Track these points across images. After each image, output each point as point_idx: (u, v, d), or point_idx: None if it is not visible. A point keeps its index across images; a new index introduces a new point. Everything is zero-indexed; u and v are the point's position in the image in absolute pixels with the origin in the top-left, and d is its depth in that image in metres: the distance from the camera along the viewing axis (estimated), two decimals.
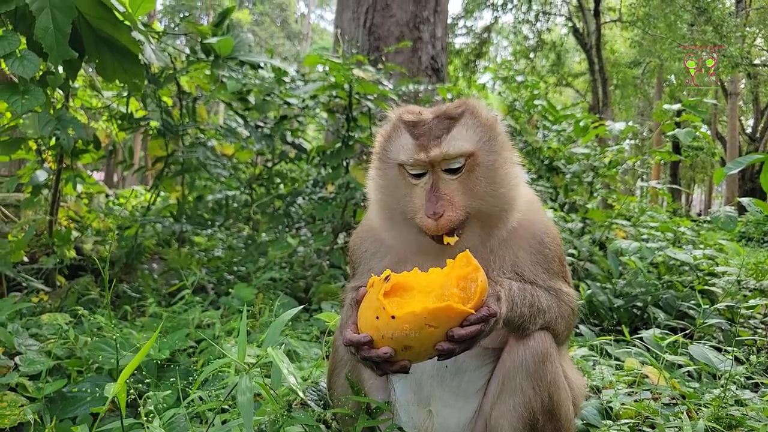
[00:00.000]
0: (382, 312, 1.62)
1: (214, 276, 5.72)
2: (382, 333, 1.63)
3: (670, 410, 2.77)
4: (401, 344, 1.63)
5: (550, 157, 7.76)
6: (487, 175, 1.96)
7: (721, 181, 29.03)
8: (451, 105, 2.06)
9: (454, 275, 1.69)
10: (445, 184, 1.93)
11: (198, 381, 1.75)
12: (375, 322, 1.64)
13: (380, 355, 1.64)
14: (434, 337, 1.62)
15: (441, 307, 1.59)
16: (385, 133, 2.12)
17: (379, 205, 2.12)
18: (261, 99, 6.04)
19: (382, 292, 1.66)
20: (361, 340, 1.67)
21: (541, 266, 2.04)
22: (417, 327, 1.59)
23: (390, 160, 2.05)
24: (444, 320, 1.61)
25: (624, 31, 31.52)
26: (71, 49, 3.52)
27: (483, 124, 2.01)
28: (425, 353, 1.67)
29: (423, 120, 2.01)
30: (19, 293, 4.93)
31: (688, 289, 4.91)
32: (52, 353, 3.26)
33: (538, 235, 2.08)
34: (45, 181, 5.47)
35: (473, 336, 1.63)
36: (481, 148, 1.97)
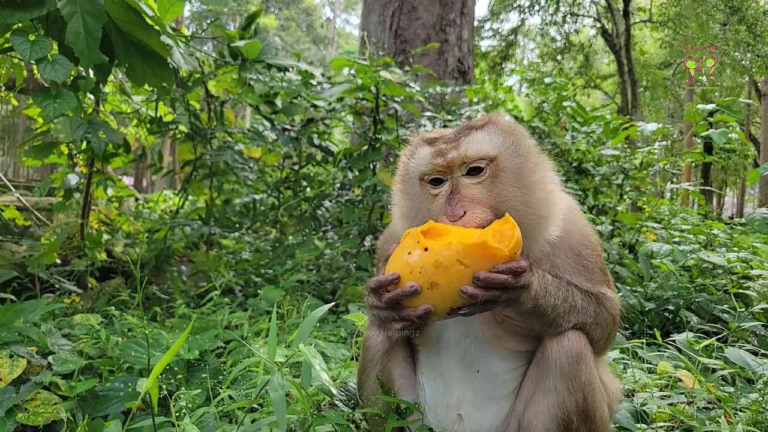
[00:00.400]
0: (415, 246, 1.63)
1: (242, 278, 5.77)
2: (411, 267, 1.63)
3: (706, 414, 2.70)
4: (429, 280, 1.61)
5: (578, 159, 7.66)
6: (515, 179, 1.91)
7: (755, 184, 28.43)
8: (475, 119, 2.08)
9: (490, 229, 1.70)
10: (466, 188, 1.89)
11: (228, 380, 1.75)
12: (405, 258, 1.65)
13: (405, 291, 1.63)
14: (463, 277, 1.61)
15: (477, 243, 1.60)
16: (408, 152, 2.13)
17: (402, 223, 2.11)
18: (288, 102, 6.08)
19: (419, 231, 1.68)
20: (388, 278, 1.67)
21: (582, 275, 2.00)
22: (449, 261, 1.59)
23: (411, 175, 2.05)
24: (476, 259, 1.60)
25: (654, 31, 31.04)
26: (102, 53, 3.58)
27: (505, 130, 1.98)
28: (450, 296, 1.63)
29: (444, 136, 2.02)
30: (52, 295, 5.02)
31: (722, 293, 4.80)
32: (84, 353, 3.31)
33: (575, 247, 2.02)
34: (76, 185, 5.57)
35: (499, 285, 1.62)
36: (504, 152, 1.93)
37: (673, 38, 27.01)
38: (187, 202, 7.70)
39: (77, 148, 5.58)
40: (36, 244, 5.25)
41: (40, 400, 2.82)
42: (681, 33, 25.98)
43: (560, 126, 8.39)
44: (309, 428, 1.90)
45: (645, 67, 31.93)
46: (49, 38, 3.59)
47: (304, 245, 5.96)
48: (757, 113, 30.06)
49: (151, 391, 1.41)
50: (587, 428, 1.84)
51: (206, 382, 2.91)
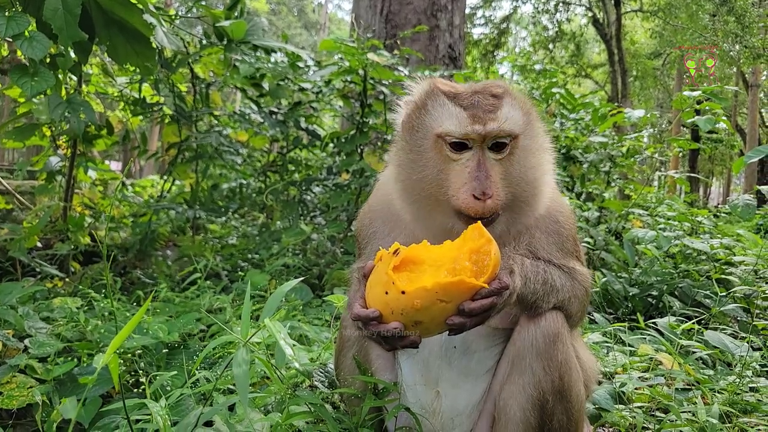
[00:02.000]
0: (391, 287, 1.56)
1: (228, 263, 5.73)
2: (392, 308, 1.58)
3: (684, 395, 2.71)
4: (411, 320, 1.58)
5: (567, 146, 7.66)
6: (524, 159, 1.89)
7: (740, 173, 28.53)
8: (488, 83, 1.97)
9: (466, 249, 1.63)
10: (491, 165, 1.83)
11: (200, 359, 1.72)
12: (384, 297, 1.59)
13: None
14: (445, 312, 1.57)
15: (453, 282, 1.54)
16: (419, 101, 1.97)
17: (401, 182, 1.97)
18: (275, 84, 6.01)
19: (391, 266, 1.59)
20: (369, 315, 1.61)
21: (556, 246, 1.98)
22: (428, 302, 1.54)
23: (425, 129, 1.91)
24: (456, 295, 1.56)
25: (645, 21, 31.07)
26: (81, 30, 3.51)
27: (523, 107, 1.94)
28: (436, 328, 1.62)
29: (463, 92, 1.91)
30: (33, 279, 4.96)
31: (705, 279, 4.82)
32: (62, 336, 3.26)
33: (554, 215, 2.02)
34: (59, 167, 5.49)
35: (485, 309, 1.58)
36: (524, 131, 1.90)
37: (663, 28, 27.07)
38: (174, 187, 7.63)
39: (59, 130, 5.50)
40: (17, 228, 5.18)
41: (15, 384, 2.78)
42: (671, 23, 26.03)
43: (549, 113, 8.38)
44: (284, 409, 1.88)
45: (635, 56, 31.99)
46: (26, 14, 3.51)
47: (291, 230, 5.93)
48: (744, 104, 30.19)
49: (112, 369, 1.38)
50: (563, 407, 1.83)
51: (190, 365, 2.88)
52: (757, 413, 2.49)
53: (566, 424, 1.85)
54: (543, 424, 1.83)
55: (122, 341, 1.32)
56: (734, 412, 2.42)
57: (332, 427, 1.81)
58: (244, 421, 1.93)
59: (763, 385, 2.82)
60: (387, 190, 2.10)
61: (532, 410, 1.82)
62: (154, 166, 13.67)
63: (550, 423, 1.83)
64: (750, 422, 2.39)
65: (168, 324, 3.35)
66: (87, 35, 3.65)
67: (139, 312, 1.34)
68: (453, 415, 2.00)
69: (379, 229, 2.16)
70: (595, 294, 4.78)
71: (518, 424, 1.84)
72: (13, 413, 2.72)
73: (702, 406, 2.25)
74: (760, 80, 28.19)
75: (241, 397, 1.36)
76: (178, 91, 6.01)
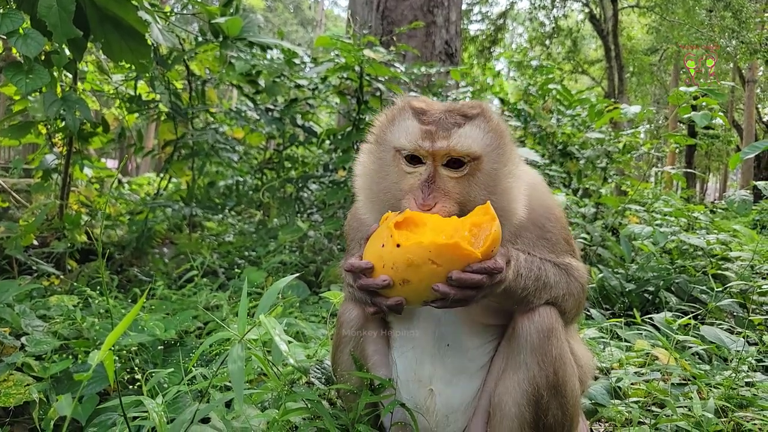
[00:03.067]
0: (388, 240, 1.59)
1: (225, 260, 5.72)
2: (384, 261, 1.61)
3: (680, 390, 2.72)
4: (401, 276, 1.59)
5: (563, 142, 7.67)
6: (487, 183, 1.87)
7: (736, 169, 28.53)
8: (467, 103, 1.98)
9: (468, 221, 1.66)
10: (442, 180, 1.84)
11: (196, 355, 1.72)
12: (379, 250, 1.62)
13: (378, 284, 1.61)
14: (435, 276, 1.58)
15: (449, 244, 1.56)
16: (390, 116, 2.02)
17: (365, 192, 2.03)
18: (271, 81, 6.00)
19: (393, 221, 1.63)
20: (361, 265, 1.65)
21: (547, 249, 1.98)
22: (420, 260, 1.56)
23: (387, 143, 1.96)
24: (449, 259, 1.57)
25: (641, 17, 31.04)
26: (76, 27, 3.50)
27: (495, 130, 1.92)
28: (422, 292, 1.62)
29: (433, 110, 1.93)
30: (30, 277, 4.95)
31: (701, 274, 4.83)
32: (59, 334, 3.26)
33: (539, 221, 2.01)
34: (55, 165, 5.48)
35: (473, 285, 1.59)
36: (488, 154, 1.88)
37: (660, 24, 27.07)
38: (170, 185, 7.62)
39: (55, 128, 5.48)
40: (13, 226, 5.16)
41: (12, 381, 2.77)
42: (668, 19, 26.03)
43: (546, 109, 8.38)
44: (281, 405, 1.88)
45: (632, 52, 31.99)
46: (21, 11, 3.50)
47: (287, 227, 5.92)
48: (741, 100, 30.24)
49: (107, 366, 1.37)
50: (558, 403, 1.83)
51: (187, 362, 2.88)
52: (753, 408, 2.49)
53: (561, 419, 1.85)
54: (538, 419, 1.83)
55: (117, 338, 1.31)
56: (730, 407, 2.43)
57: (329, 424, 1.82)
58: (241, 418, 1.94)
59: (759, 380, 2.83)
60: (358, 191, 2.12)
61: (527, 406, 1.82)
62: (151, 164, 13.62)
63: (545, 418, 1.83)
64: (746, 416, 2.40)
65: (165, 321, 3.36)
66: (81, 32, 3.65)
67: (134, 309, 1.34)
68: (448, 412, 2.00)
69: (365, 234, 2.17)
70: (592, 290, 4.79)
71: (513, 419, 1.84)
72: (11, 411, 2.72)
73: (698, 401, 2.25)
74: (756, 76, 28.22)
75: (236, 393, 1.36)
76: (173, 88, 5.99)
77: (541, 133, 7.75)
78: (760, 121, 30.63)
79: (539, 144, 7.84)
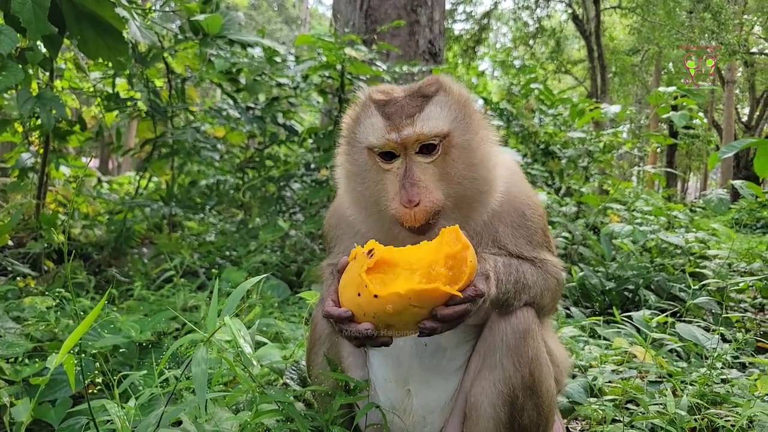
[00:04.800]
0: (364, 289, 1.53)
1: (205, 261, 5.67)
2: (364, 310, 1.56)
3: (656, 388, 2.73)
4: (383, 322, 1.56)
5: (546, 142, 7.70)
6: (463, 156, 1.85)
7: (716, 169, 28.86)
8: (424, 82, 1.95)
9: (442, 254, 1.59)
10: (419, 168, 1.81)
11: (165, 357, 1.69)
12: (356, 299, 1.56)
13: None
14: (418, 316, 1.55)
15: (427, 289, 1.51)
16: (354, 114, 1.99)
17: (350, 194, 2.00)
18: (252, 79, 5.95)
19: (364, 268, 1.56)
20: (341, 314, 1.60)
21: (524, 239, 1.97)
22: (401, 308, 1.52)
23: (358, 143, 1.92)
24: (429, 301, 1.53)
25: (623, 17, 31.31)
26: (51, 24, 3.44)
27: (457, 101, 1.90)
28: (408, 330, 1.60)
29: (394, 98, 1.90)
30: (4, 278, 4.87)
31: (680, 272, 4.88)
32: (32, 336, 3.20)
33: (520, 208, 2.00)
34: (31, 164, 5.39)
35: (459, 316, 1.56)
36: (456, 127, 1.86)
37: (641, 25, 27.31)
38: (151, 183, 7.54)
39: (31, 126, 5.40)
40: None
41: None
42: (649, 20, 26.27)
43: (528, 108, 8.42)
44: (253, 407, 1.85)
45: (614, 53, 32.27)
46: None
47: (268, 226, 5.88)
48: (721, 100, 30.60)
49: (67, 369, 1.34)
50: (533, 403, 1.83)
51: (159, 364, 2.83)
52: (727, 404, 2.51)
53: (536, 419, 1.85)
54: (513, 419, 1.82)
55: (77, 339, 1.28)
56: (703, 404, 2.45)
57: (301, 426, 1.79)
58: (213, 421, 1.91)
59: (734, 376, 2.85)
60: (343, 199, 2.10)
61: (503, 406, 1.81)
62: (132, 163, 13.47)
63: (521, 419, 1.82)
64: (719, 413, 2.41)
65: (140, 323, 3.31)
66: (57, 29, 3.58)
67: (95, 309, 1.31)
68: (425, 413, 1.99)
69: (344, 233, 2.16)
70: (572, 288, 4.81)
71: (489, 420, 1.83)
72: None
73: (672, 399, 2.26)
74: (735, 77, 28.59)
75: (198, 396, 1.33)
76: (152, 86, 5.93)
77: (524, 133, 7.78)
78: (739, 121, 31.05)
79: (522, 143, 7.87)
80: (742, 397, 2.52)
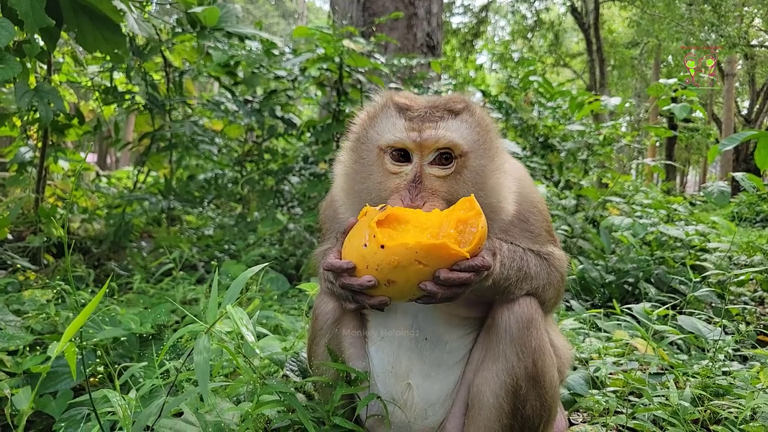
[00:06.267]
0: (371, 240, 1.52)
1: (204, 254, 5.66)
2: (368, 262, 1.54)
3: (658, 379, 2.73)
4: (386, 277, 1.54)
5: (545, 135, 7.69)
6: (475, 180, 1.83)
7: (716, 162, 28.94)
8: (450, 98, 1.93)
9: (454, 217, 1.59)
10: (429, 180, 1.79)
11: (165, 348, 1.69)
12: (361, 250, 1.55)
13: (362, 284, 1.56)
14: (421, 275, 1.53)
15: (436, 245, 1.49)
16: (371, 112, 1.97)
17: (346, 191, 1.97)
18: (249, 72, 5.93)
19: (375, 219, 1.55)
20: (343, 265, 1.58)
21: (529, 240, 1.96)
22: (406, 261, 1.50)
23: (370, 141, 1.90)
24: (435, 259, 1.51)
25: (622, 10, 31.25)
26: (48, 16, 3.42)
27: (480, 124, 1.88)
28: (408, 291, 1.57)
29: (417, 105, 1.88)
30: (5, 271, 4.87)
31: (680, 265, 4.87)
32: (33, 329, 3.20)
33: (524, 216, 1.98)
34: (30, 158, 5.38)
35: (461, 283, 1.55)
36: (475, 150, 1.84)
37: (640, 17, 27.25)
38: (149, 177, 7.52)
39: (29, 120, 5.38)
40: None
41: None
42: (648, 12, 26.21)
43: (527, 101, 8.40)
44: (254, 398, 1.85)
45: (613, 46, 32.22)
46: None
47: (267, 220, 5.88)
48: (720, 93, 30.56)
49: (68, 359, 1.34)
50: (536, 393, 1.82)
51: (159, 356, 2.83)
52: (729, 396, 2.51)
53: (539, 409, 1.84)
54: (516, 410, 1.81)
55: (77, 330, 1.28)
56: (706, 396, 2.45)
57: (302, 416, 1.79)
58: (214, 411, 1.90)
59: (736, 368, 2.85)
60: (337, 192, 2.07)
61: (506, 397, 1.81)
62: (131, 157, 13.43)
63: (524, 409, 1.82)
64: (722, 405, 2.41)
65: (140, 315, 3.30)
66: (54, 21, 3.56)
67: (96, 297, 1.30)
68: (426, 406, 1.98)
69: (340, 227, 2.13)
70: (573, 281, 4.81)
71: (491, 410, 1.82)
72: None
73: (675, 390, 2.26)
74: (735, 69, 28.55)
75: (201, 386, 1.32)
76: (150, 79, 5.90)
77: (523, 126, 7.77)
78: (738, 114, 31.02)
79: (520, 136, 7.86)
80: (744, 389, 2.52)
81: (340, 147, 2.07)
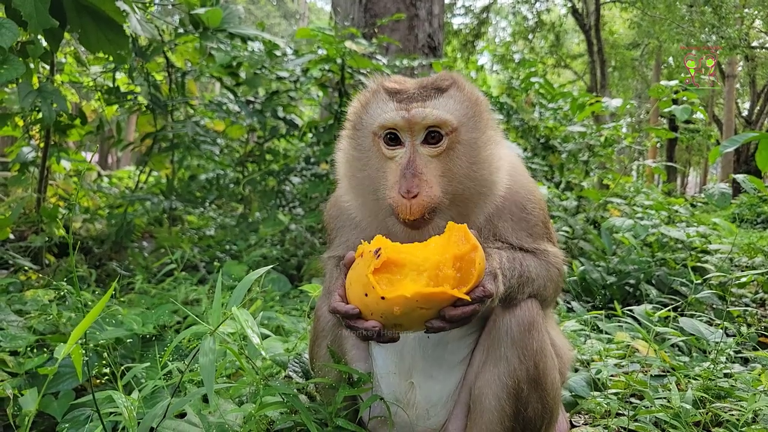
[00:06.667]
0: (371, 290, 1.53)
1: (206, 255, 5.67)
2: (371, 310, 1.56)
3: (659, 381, 2.73)
4: (391, 322, 1.56)
5: (546, 136, 7.69)
6: (468, 154, 1.85)
7: (716, 163, 28.95)
8: (438, 76, 1.95)
9: (450, 255, 1.57)
10: (423, 160, 1.80)
11: (169, 349, 1.69)
12: (364, 299, 1.56)
13: (368, 329, 1.57)
14: (426, 317, 1.55)
15: (435, 293, 1.51)
16: (363, 99, 1.99)
17: (348, 180, 2.00)
18: (252, 73, 5.94)
19: (371, 269, 1.55)
20: (349, 311, 1.59)
21: (525, 231, 1.97)
22: (408, 309, 1.51)
23: (365, 127, 1.92)
24: (437, 303, 1.53)
25: (623, 11, 31.23)
26: (52, 17, 3.43)
27: (469, 99, 1.91)
28: (415, 328, 1.61)
29: (406, 88, 1.91)
30: (6, 271, 4.87)
31: (681, 267, 4.87)
32: (35, 329, 3.20)
33: (520, 203, 2.00)
34: (32, 158, 5.39)
35: (467, 316, 1.57)
36: (465, 124, 1.87)
37: (641, 19, 27.23)
38: (151, 177, 7.53)
39: (32, 120, 5.39)
40: None
41: None
42: (649, 14, 26.20)
43: (528, 102, 8.41)
44: (257, 399, 1.85)
45: (614, 47, 32.21)
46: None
47: (268, 220, 5.88)
48: (721, 94, 30.56)
49: (75, 360, 1.34)
50: (538, 396, 1.83)
51: (162, 357, 2.84)
52: (731, 398, 2.51)
53: (541, 412, 1.85)
54: (518, 412, 1.82)
55: (84, 331, 1.28)
56: (708, 398, 2.45)
57: (305, 418, 1.79)
58: (217, 413, 1.91)
59: (737, 371, 2.86)
60: (341, 184, 2.10)
61: (507, 399, 1.81)
62: (132, 157, 13.43)
63: (525, 411, 1.82)
64: (724, 407, 2.41)
65: (142, 316, 3.31)
66: (58, 22, 3.56)
67: (102, 299, 1.31)
68: (428, 406, 1.99)
69: (344, 224, 2.15)
70: (574, 283, 4.81)
71: (493, 412, 1.83)
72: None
73: (676, 392, 2.26)
74: (736, 71, 28.54)
75: (207, 387, 1.33)
76: (153, 80, 5.91)
77: (524, 127, 7.77)
78: (739, 116, 31.00)
79: (522, 137, 7.86)
80: (745, 392, 2.52)
81: (339, 136, 2.08)
